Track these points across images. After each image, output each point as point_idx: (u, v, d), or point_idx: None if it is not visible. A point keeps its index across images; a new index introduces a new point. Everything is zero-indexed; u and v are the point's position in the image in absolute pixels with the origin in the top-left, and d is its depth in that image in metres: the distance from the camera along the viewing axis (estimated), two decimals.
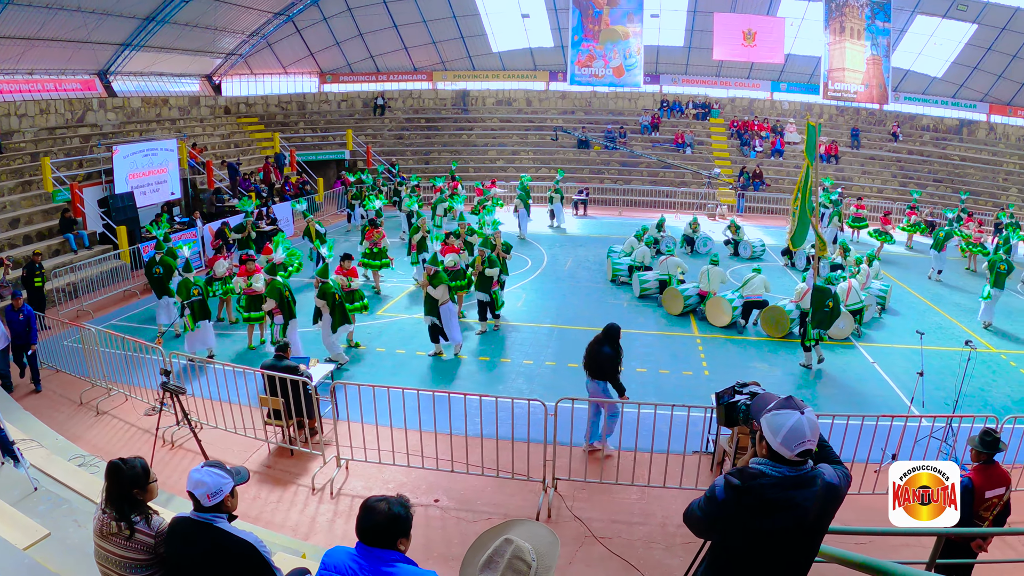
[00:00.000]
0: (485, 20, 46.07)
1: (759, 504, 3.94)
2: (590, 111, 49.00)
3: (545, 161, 43.96)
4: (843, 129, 47.69)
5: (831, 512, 4.14)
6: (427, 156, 44.51)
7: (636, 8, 45.86)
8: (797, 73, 49.06)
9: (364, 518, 4.31)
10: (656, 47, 48.18)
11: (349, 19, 43.86)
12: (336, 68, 47.07)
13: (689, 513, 4.34)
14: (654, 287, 22.49)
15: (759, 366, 17.65)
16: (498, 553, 3.45)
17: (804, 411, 3.96)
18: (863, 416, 11.47)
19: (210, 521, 5.09)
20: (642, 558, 9.72)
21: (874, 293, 21.63)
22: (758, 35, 46.52)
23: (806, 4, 45.99)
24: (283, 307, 15.86)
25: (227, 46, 40.26)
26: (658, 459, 11.03)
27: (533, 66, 49.17)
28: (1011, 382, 17.47)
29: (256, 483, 11.29)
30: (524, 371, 16.75)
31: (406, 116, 47.66)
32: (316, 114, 45.92)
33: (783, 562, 4.09)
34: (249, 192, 32.01)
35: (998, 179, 43.74)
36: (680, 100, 49.35)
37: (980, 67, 46.08)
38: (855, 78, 47.21)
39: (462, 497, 11.11)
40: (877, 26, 45.76)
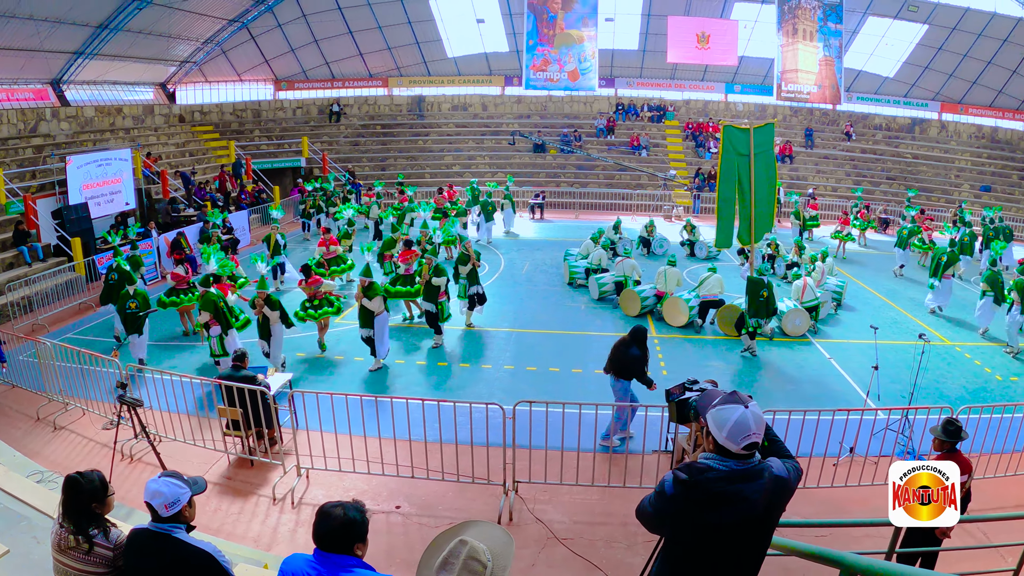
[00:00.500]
0: (440, 25, 46.03)
1: (707, 498, 3.98)
2: (546, 115, 49.14)
3: (501, 166, 43.97)
4: (797, 129, 48.24)
5: (781, 505, 4.18)
6: (383, 162, 44.38)
7: (591, 12, 46.03)
8: (751, 75, 49.54)
9: (320, 524, 4.33)
10: (611, 51, 48.41)
11: (304, 26, 43.60)
12: (291, 75, 46.78)
13: (641, 509, 4.38)
14: (611, 289, 22.56)
15: (717, 364, 17.80)
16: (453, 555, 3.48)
17: (748, 405, 4.02)
18: (819, 411, 11.62)
19: (168, 532, 5.06)
20: (604, 557, 9.77)
21: (830, 290, 21.93)
22: (712, 38, 46.81)
23: (759, 7, 46.42)
24: (219, 318, 15.68)
25: (181, 54, 39.88)
26: (618, 459, 11.15)
27: (488, 71, 49.20)
28: (966, 373, 17.79)
29: (216, 495, 11.21)
30: (483, 375, 16.77)
31: (362, 123, 47.50)
32: (271, 122, 45.58)
33: (734, 555, 4.14)
34: (205, 201, 31.82)
35: (950, 176, 44.59)
36: (635, 103, 49.65)
37: (931, 67, 46.88)
38: (808, 79, 47.71)
39: (423, 503, 11.11)
40: (829, 28, 46.28)
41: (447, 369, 17.16)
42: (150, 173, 31.91)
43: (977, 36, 43.99)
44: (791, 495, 4.25)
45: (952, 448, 8.42)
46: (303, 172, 41.12)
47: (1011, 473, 11.88)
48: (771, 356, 18.51)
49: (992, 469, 11.79)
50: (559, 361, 17.66)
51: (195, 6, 35.42)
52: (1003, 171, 44.65)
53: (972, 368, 18.13)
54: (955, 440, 8.38)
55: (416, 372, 16.95)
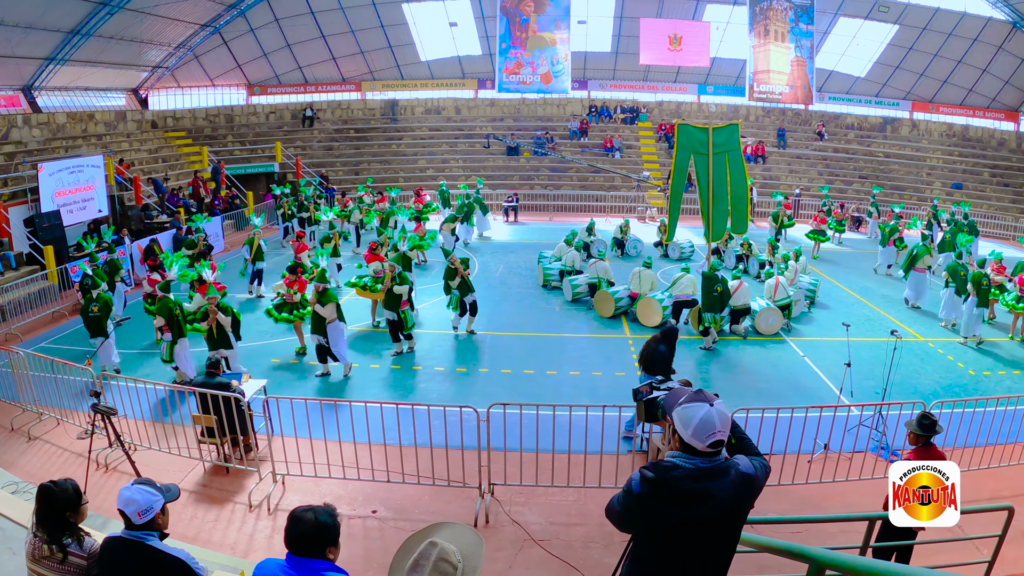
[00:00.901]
0: (413, 29, 45.95)
1: (673, 496, 4.01)
2: (519, 118, 49.17)
3: (475, 169, 43.93)
4: (769, 130, 48.53)
5: (749, 501, 4.21)
6: (357, 167, 44.23)
7: (563, 15, 46.08)
8: (723, 76, 49.72)
9: (292, 528, 4.33)
10: (584, 53, 48.51)
11: (276, 30, 43.36)
12: (264, 80, 46.54)
13: (609, 508, 4.41)
14: (585, 291, 22.62)
15: (690, 364, 17.87)
16: (423, 556, 3.48)
17: (714, 403, 4.03)
18: (792, 408, 11.69)
19: (141, 539, 5.04)
20: (581, 558, 9.79)
21: (803, 288, 22.05)
22: (684, 39, 46.95)
23: (731, 8, 46.65)
24: (172, 325, 15.57)
25: (153, 59, 39.59)
26: (593, 460, 11.13)
27: (461, 74, 49.14)
28: (939, 368, 18.01)
29: (192, 502, 11.15)
30: (457, 378, 16.80)
31: (335, 127, 47.33)
32: (244, 127, 45.30)
33: (702, 552, 4.16)
34: (178, 207, 31.67)
35: (922, 174, 45.03)
36: (608, 105, 49.79)
37: (902, 66, 47.32)
38: (780, 80, 47.95)
39: (400, 507, 11.10)
40: (801, 29, 46.52)
41: (422, 373, 17.12)
42: (123, 180, 31.68)
43: (947, 36, 44.45)
44: (759, 492, 4.27)
45: (927, 442, 8.49)
46: (276, 177, 40.90)
47: (984, 466, 12.01)
48: (745, 355, 18.63)
49: (966, 463, 11.85)
50: (534, 363, 17.69)
51: (167, 11, 35.08)
52: (974, 169, 45.12)
53: (945, 363, 18.32)
54: (930, 434, 8.45)
55: (390, 376, 16.92)
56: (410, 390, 16.06)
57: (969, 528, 9.47)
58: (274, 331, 18.84)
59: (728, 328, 19.84)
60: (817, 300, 22.91)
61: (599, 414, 11.39)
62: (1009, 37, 43.39)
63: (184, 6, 35.93)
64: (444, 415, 11.94)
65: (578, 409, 11.54)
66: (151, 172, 35.26)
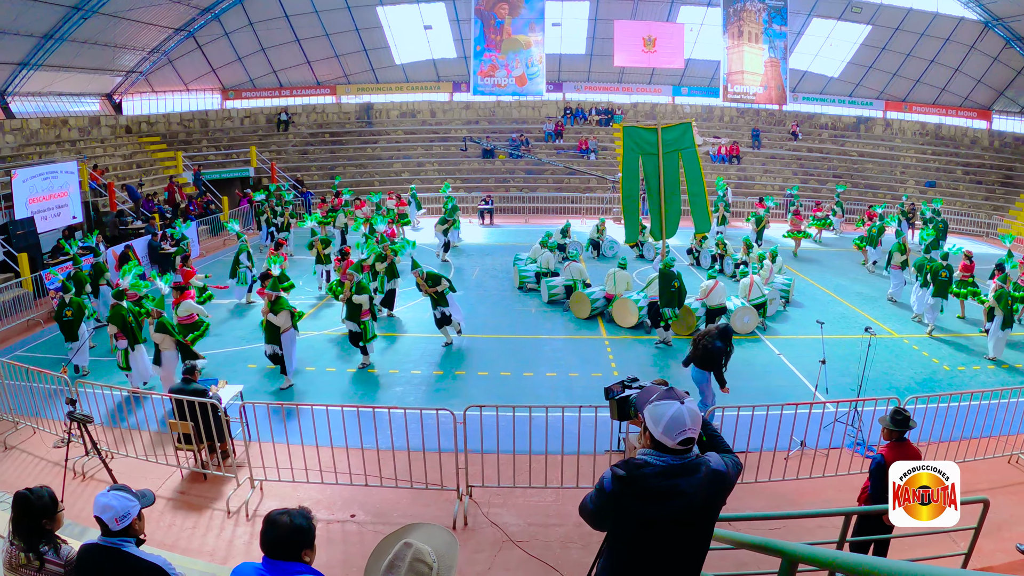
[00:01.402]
0: (388, 32, 45.95)
1: (644, 493, 4.04)
2: (494, 120, 49.20)
3: (450, 172, 43.97)
4: (744, 130, 48.80)
5: (720, 498, 4.25)
6: (332, 171, 44.01)
7: (537, 17, 46.15)
8: (697, 77, 49.96)
9: (267, 532, 4.33)
10: (558, 55, 48.67)
11: (251, 34, 43.23)
12: (239, 84, 46.37)
13: (583, 506, 4.45)
14: (561, 292, 22.65)
15: (667, 363, 17.96)
16: (398, 558, 3.49)
17: (684, 401, 4.08)
18: (768, 406, 11.76)
19: (118, 546, 5.02)
20: (560, 559, 9.81)
21: (777, 287, 22.17)
22: (658, 41, 47.13)
23: (705, 10, 46.89)
24: (127, 332, 15.43)
25: (127, 63, 39.32)
26: (570, 460, 11.18)
27: (436, 77, 49.17)
28: (914, 364, 18.18)
29: (171, 510, 11.09)
30: (435, 381, 16.77)
31: (310, 131, 47.19)
32: (219, 131, 45.06)
33: (675, 548, 4.20)
34: (153, 213, 31.52)
35: (895, 172, 45.44)
36: (583, 107, 49.89)
37: (875, 66, 47.81)
38: (754, 80, 48.21)
39: (378, 510, 11.08)
40: (774, 30, 46.78)
41: (399, 376, 17.08)
42: (97, 186, 31.50)
43: (920, 36, 44.90)
44: (731, 488, 4.32)
45: (900, 437, 8.54)
46: (251, 182, 40.75)
47: (960, 460, 12.05)
48: None
49: (940, 456, 11.94)
50: (511, 365, 17.72)
51: (141, 15, 34.94)
52: (947, 167, 45.55)
53: (919, 359, 18.49)
54: (903, 429, 8.50)
55: (367, 380, 16.88)
56: (388, 393, 16.01)
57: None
58: (251, 336, 18.77)
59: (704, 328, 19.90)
60: (792, 298, 23.09)
61: (576, 415, 11.42)
62: (981, 37, 43.86)
63: (158, 10, 35.78)
64: (421, 418, 11.90)
65: (555, 410, 11.57)
66: (125, 178, 35.01)
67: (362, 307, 17.04)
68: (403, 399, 15.48)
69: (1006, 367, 18.24)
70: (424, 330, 20.13)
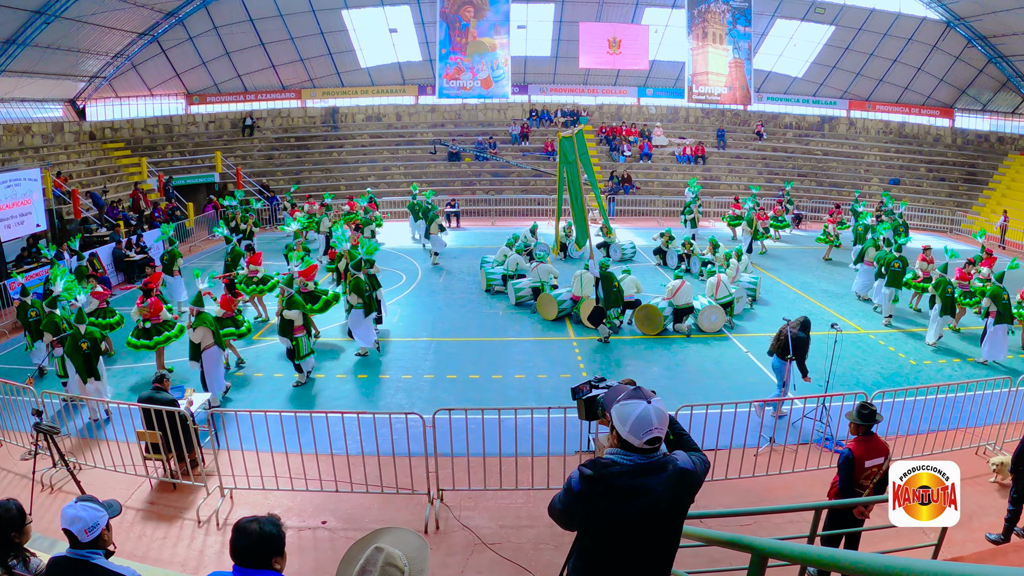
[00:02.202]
0: (353, 36, 45.70)
1: (612, 492, 4.04)
2: (460, 123, 49.13)
3: (417, 175, 43.80)
4: (709, 131, 49.12)
5: (688, 496, 4.25)
6: (298, 175, 43.87)
7: (503, 20, 46.12)
8: (662, 78, 50.14)
9: (236, 540, 4.31)
10: (524, 58, 48.68)
11: (215, 38, 42.80)
12: (203, 89, 45.92)
13: (551, 507, 4.44)
14: (528, 294, 22.66)
15: (635, 363, 17.99)
16: (370, 563, 3.47)
17: (651, 400, 4.08)
18: (736, 404, 11.82)
19: (87, 558, 4.98)
20: (532, 560, 9.81)
21: (744, 285, 22.29)
22: (623, 43, 47.27)
23: (669, 11, 47.01)
24: (62, 340, 15.23)
25: (91, 69, 38.84)
26: (540, 462, 11.16)
27: (402, 80, 49.01)
28: (880, 359, 18.40)
29: (140, 520, 10.97)
30: (403, 386, 16.66)
31: (275, 136, 46.91)
32: (184, 136, 44.63)
33: (644, 546, 4.19)
34: (117, 220, 31.24)
35: (859, 170, 46.00)
36: (549, 109, 49.92)
37: (839, 66, 48.24)
38: (719, 81, 48.44)
39: (349, 516, 11.03)
40: (738, 31, 47.03)
41: (367, 381, 17.02)
42: (61, 193, 31.14)
43: (883, 36, 45.33)
44: (699, 486, 4.31)
45: (868, 431, 8.59)
46: (217, 188, 40.50)
47: (927, 452, 12.28)
48: (689, 352, 18.78)
49: (908, 450, 12.21)
50: (479, 368, 17.69)
51: (105, 19, 34.51)
52: (911, 164, 46.17)
53: (885, 354, 18.69)
54: (870, 423, 8.55)
55: (336, 385, 16.80)
56: (356, 398, 15.95)
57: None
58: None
59: (671, 327, 20.00)
60: (759, 296, 23.22)
61: (545, 416, 11.40)
62: (943, 36, 44.35)
63: (122, 14, 35.40)
64: (390, 422, 11.86)
65: (524, 412, 11.57)
66: (89, 185, 34.65)
67: (294, 323, 16.39)
68: (372, 404, 15.45)
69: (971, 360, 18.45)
70: (391, 334, 20.11)
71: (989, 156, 45.96)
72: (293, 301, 16.59)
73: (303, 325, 16.53)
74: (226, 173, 41.46)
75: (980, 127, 48.04)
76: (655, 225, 24.58)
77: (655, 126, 48.81)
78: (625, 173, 43.85)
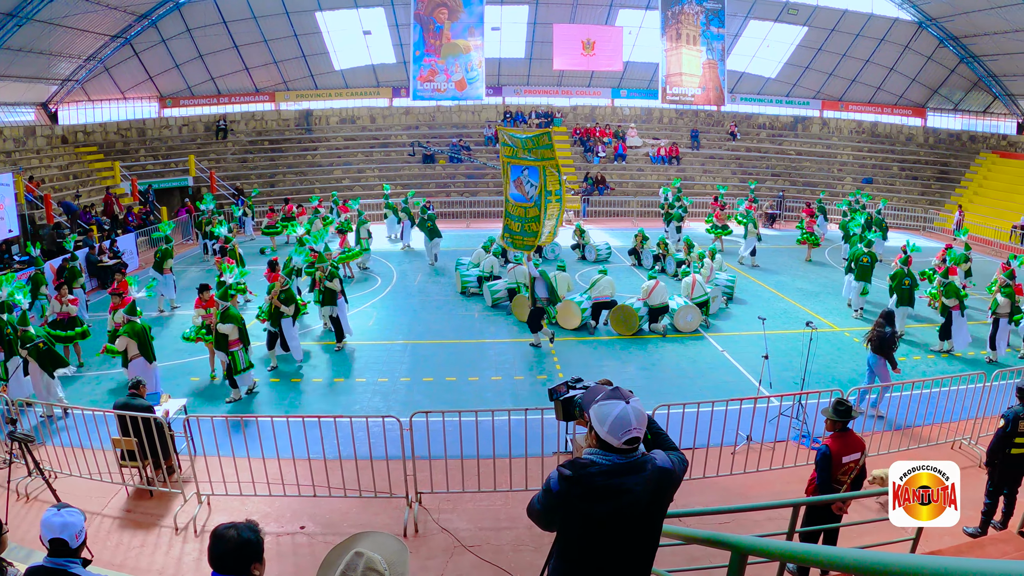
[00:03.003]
0: (327, 38, 45.55)
1: (591, 492, 4.04)
2: (434, 125, 49.03)
3: (391, 178, 43.66)
4: (683, 131, 49.31)
5: (667, 495, 4.25)
6: (272, 179, 43.73)
7: (477, 22, 46.10)
8: (636, 80, 50.28)
9: (215, 546, 4.25)
10: (498, 59, 48.68)
11: (188, 40, 42.47)
12: (176, 92, 45.56)
13: (530, 508, 4.43)
14: (504, 296, 22.71)
15: (611, 364, 18.03)
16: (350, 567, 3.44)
17: (630, 400, 4.08)
18: (713, 402, 11.84)
19: (64, 567, 4.95)
20: (512, 561, 9.80)
21: (720, 285, 22.40)
22: (597, 44, 47.38)
23: (643, 13, 47.17)
24: (3, 344, 15.05)
25: (63, 72, 38.47)
26: (518, 463, 11.18)
27: (376, 83, 48.87)
28: (855, 357, 18.45)
29: (117, 528, 10.83)
30: (380, 389, 16.62)
31: (249, 139, 46.61)
32: (157, 140, 44.20)
33: (624, 546, 4.18)
34: (90, 225, 31.02)
35: (832, 170, 46.38)
36: (523, 111, 49.90)
37: (812, 67, 48.62)
38: (692, 82, 48.65)
39: (328, 521, 10.98)
40: (712, 32, 47.26)
41: (344, 385, 16.98)
42: (33, 198, 30.90)
43: (855, 36, 45.74)
44: (677, 485, 4.31)
45: (844, 428, 8.66)
46: (191, 191, 40.24)
47: (903, 448, 12.44)
48: (665, 352, 18.84)
49: (885, 446, 12.41)
50: (455, 370, 17.67)
51: (77, 22, 34.24)
52: (883, 163, 46.60)
53: (860, 351, 18.69)
54: (846, 419, 8.63)
55: (312, 389, 16.74)
56: (333, 402, 15.86)
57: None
58: (192, 349, 18.44)
59: (647, 327, 20.05)
60: (735, 296, 23.31)
61: (522, 418, 11.42)
62: (915, 36, 44.81)
63: (94, 17, 35.15)
64: (367, 426, 11.85)
65: (501, 414, 11.55)
66: (62, 189, 34.32)
67: (228, 337, 15.62)
68: (349, 407, 15.34)
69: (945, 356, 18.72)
70: (367, 337, 20.03)
71: (961, 155, 46.52)
72: (228, 314, 15.85)
73: (239, 339, 15.78)
74: (200, 177, 41.18)
75: (952, 126, 48.65)
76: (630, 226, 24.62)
77: (629, 127, 48.94)
78: (599, 174, 43.92)
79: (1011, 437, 9.73)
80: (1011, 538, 7.94)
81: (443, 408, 12.14)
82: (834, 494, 8.28)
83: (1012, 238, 34.91)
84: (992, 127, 47.27)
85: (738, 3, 46.57)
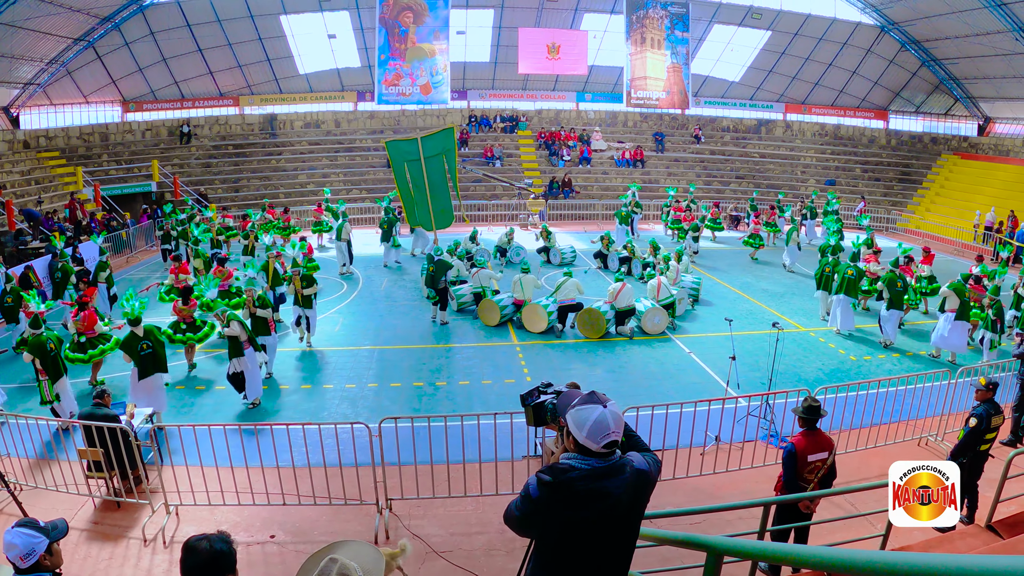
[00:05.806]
0: (291, 42, 45.37)
1: (572, 497, 4.04)
2: (399, 129, 48.72)
3: (356, 183, 43.70)
4: (647, 134, 49.57)
5: (645, 496, 4.26)
6: (236, 184, 43.46)
7: (442, 26, 46.05)
8: (601, 83, 50.51)
9: (187, 559, 4.21)
10: (463, 63, 48.69)
11: (152, 44, 42.09)
12: (140, 95, 45.10)
13: (508, 514, 4.40)
14: (470, 300, 22.68)
15: (579, 367, 18.04)
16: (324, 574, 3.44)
17: (607, 404, 4.09)
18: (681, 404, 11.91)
19: None
20: (485, 566, 9.78)
21: (687, 287, 22.47)
22: (562, 48, 47.53)
23: (608, 17, 47.43)
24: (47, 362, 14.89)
25: (25, 75, 38.00)
26: (488, 468, 11.13)
27: (341, 87, 48.66)
28: (821, 356, 18.71)
29: (85, 541, 10.67)
30: (347, 395, 16.48)
31: (213, 143, 46.23)
32: (120, 145, 43.69)
33: (603, 549, 4.19)
34: (53, 231, 30.70)
35: (796, 172, 46.87)
36: (488, 114, 49.95)
37: (775, 70, 49.10)
38: (657, 86, 48.90)
39: (298, 529, 10.89)
40: (676, 36, 47.55)
41: (311, 391, 16.83)
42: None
43: (818, 40, 46.31)
44: (653, 486, 4.33)
45: (813, 426, 8.75)
46: (154, 197, 39.91)
47: (871, 446, 12.57)
48: (632, 355, 18.87)
49: (852, 444, 12.53)
50: (423, 375, 17.61)
51: (39, 24, 33.89)
52: (846, 165, 47.31)
53: (827, 351, 19.00)
54: (815, 418, 8.76)
55: (280, 396, 16.59)
56: (300, 409, 15.72)
57: (861, 505, 9.87)
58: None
59: (614, 330, 20.09)
60: (701, 297, 23.45)
61: (491, 422, 11.38)
62: (877, 40, 45.46)
63: (56, 19, 34.78)
64: (336, 433, 11.75)
65: (470, 418, 11.54)
66: (24, 195, 33.93)
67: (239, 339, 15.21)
68: (316, 414, 15.20)
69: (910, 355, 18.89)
70: (334, 343, 19.94)
71: (923, 156, 47.24)
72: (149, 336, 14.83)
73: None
74: (163, 182, 40.79)
75: (914, 128, 49.43)
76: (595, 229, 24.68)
77: (594, 131, 49.09)
78: (565, 178, 43.99)
79: (983, 434, 9.93)
80: (979, 532, 8.03)
81: (411, 414, 12.12)
82: (803, 493, 8.35)
83: (976, 239, 35.31)
84: (953, 129, 48.00)
85: (702, 7, 46.89)
